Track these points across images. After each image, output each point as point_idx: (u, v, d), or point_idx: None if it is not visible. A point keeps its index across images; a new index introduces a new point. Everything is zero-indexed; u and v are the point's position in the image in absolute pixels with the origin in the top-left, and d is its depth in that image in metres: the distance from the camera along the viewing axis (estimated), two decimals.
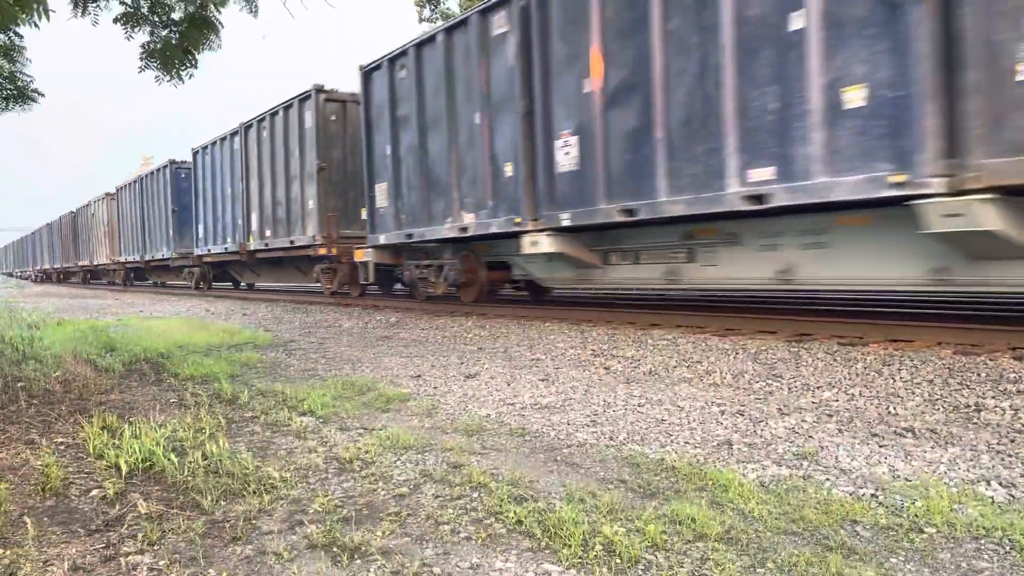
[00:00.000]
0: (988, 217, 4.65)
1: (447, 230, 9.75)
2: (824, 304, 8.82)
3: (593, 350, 6.76)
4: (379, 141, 11.28)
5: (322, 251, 13.28)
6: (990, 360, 4.81)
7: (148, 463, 3.53)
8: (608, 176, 7.39)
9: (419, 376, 6.10)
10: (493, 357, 6.95)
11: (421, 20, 23.01)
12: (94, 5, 6.44)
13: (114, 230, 27.34)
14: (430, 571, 2.39)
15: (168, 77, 6.72)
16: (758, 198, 5.87)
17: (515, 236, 8.64)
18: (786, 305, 8.94)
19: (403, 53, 10.47)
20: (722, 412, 4.41)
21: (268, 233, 15.26)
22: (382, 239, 11.41)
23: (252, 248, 15.84)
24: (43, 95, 7.90)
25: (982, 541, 2.52)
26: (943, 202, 4.79)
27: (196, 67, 6.84)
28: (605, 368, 6.11)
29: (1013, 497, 2.91)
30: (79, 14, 6.45)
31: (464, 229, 9.43)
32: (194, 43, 6.62)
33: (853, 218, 5.95)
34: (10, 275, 63.90)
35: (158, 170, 21.89)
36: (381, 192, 11.38)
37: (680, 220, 7.01)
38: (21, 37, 6.80)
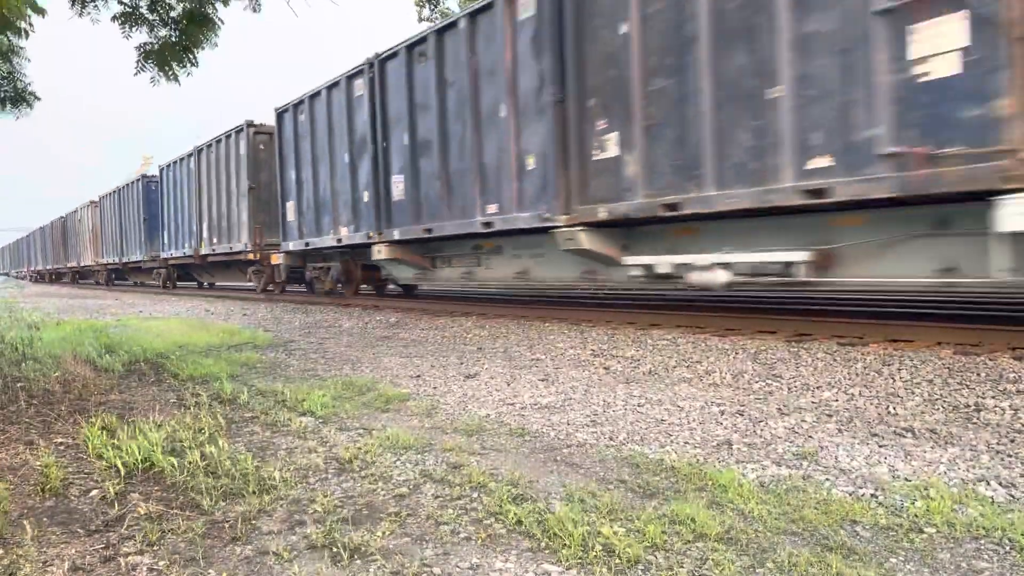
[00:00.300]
0: (582, 240, 7.53)
1: (330, 240, 12.71)
2: (824, 304, 8.82)
3: (593, 350, 6.76)
4: (287, 168, 14.22)
5: (251, 256, 16.48)
6: (990, 360, 4.81)
7: (148, 463, 3.53)
8: (418, 204, 10.29)
9: (419, 376, 6.10)
10: (493, 357, 6.95)
11: (420, 20, 23.01)
12: (92, 5, 6.43)
13: (97, 235, 30.10)
14: (430, 571, 2.38)
15: (165, 78, 6.72)
16: (487, 223, 8.88)
17: (370, 245, 11.50)
18: (784, 305, 8.94)
19: (301, 102, 13.40)
20: (722, 412, 4.41)
21: (215, 240, 18.24)
22: (290, 246, 14.33)
23: (203, 253, 18.95)
24: (39, 98, 7.88)
25: (982, 541, 2.52)
26: (564, 231, 7.72)
27: (196, 65, 6.84)
28: (605, 368, 6.11)
29: (1013, 497, 2.91)
30: (78, 13, 6.45)
31: (340, 240, 12.40)
32: (194, 41, 6.62)
33: (544, 240, 8.65)
34: (7, 275, 66.20)
35: (132, 183, 25.01)
36: (290, 208, 14.29)
37: (468, 236, 9.78)
38: (19, 35, 6.79)
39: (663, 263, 7.08)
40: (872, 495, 2.98)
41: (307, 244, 13.59)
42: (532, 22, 8.00)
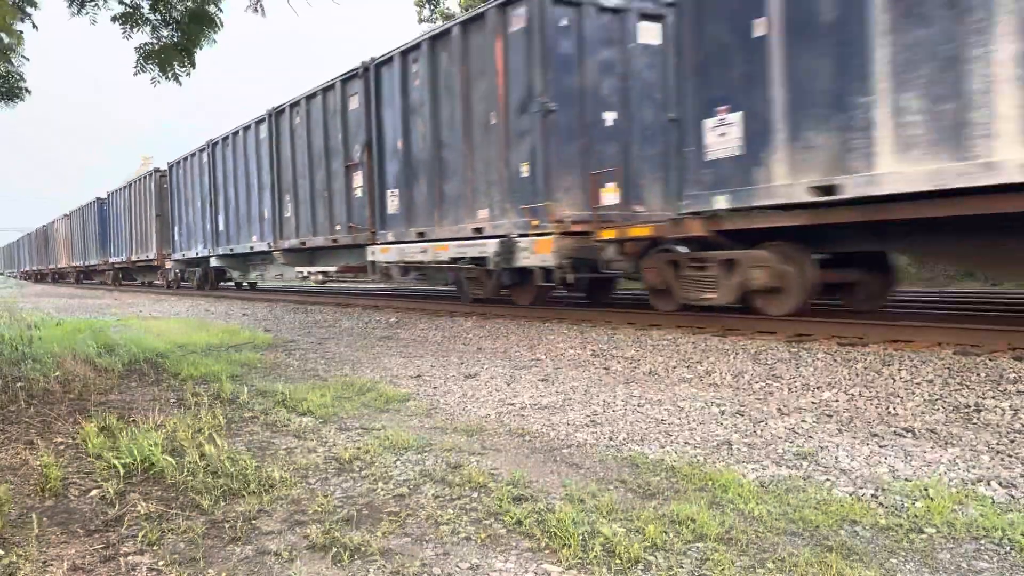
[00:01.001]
0: (279, 257, 15.48)
1: (191, 252, 20.45)
2: (825, 305, 8.82)
3: (593, 350, 6.75)
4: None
5: (156, 263, 23.50)
6: (990, 360, 4.80)
7: (147, 463, 3.53)
8: (225, 232, 18.03)
9: (419, 376, 6.09)
10: (493, 357, 6.95)
11: (421, 20, 23.00)
12: (92, 4, 6.42)
13: (68, 242, 36.82)
14: (429, 571, 2.38)
15: (165, 78, 6.71)
16: (251, 247, 16.38)
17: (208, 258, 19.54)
18: None
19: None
20: (722, 412, 4.41)
21: (139, 250, 25.27)
22: (176, 256, 21.83)
23: (133, 259, 25.84)
24: (30, 92, 7.86)
25: (982, 541, 2.52)
26: (274, 253, 15.28)
27: (194, 66, 6.84)
28: (605, 368, 6.11)
29: (1013, 497, 2.91)
30: (76, 12, 6.44)
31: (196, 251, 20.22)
32: (194, 40, 6.61)
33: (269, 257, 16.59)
34: (0, 274, 71.44)
35: (89, 204, 31.57)
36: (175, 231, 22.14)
37: (253, 254, 16.96)
38: (14, 38, 6.80)
39: (306, 270, 16.16)
40: (872, 495, 2.98)
41: (184, 254, 21.21)
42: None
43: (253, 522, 2.84)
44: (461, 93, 9.39)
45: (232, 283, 22.27)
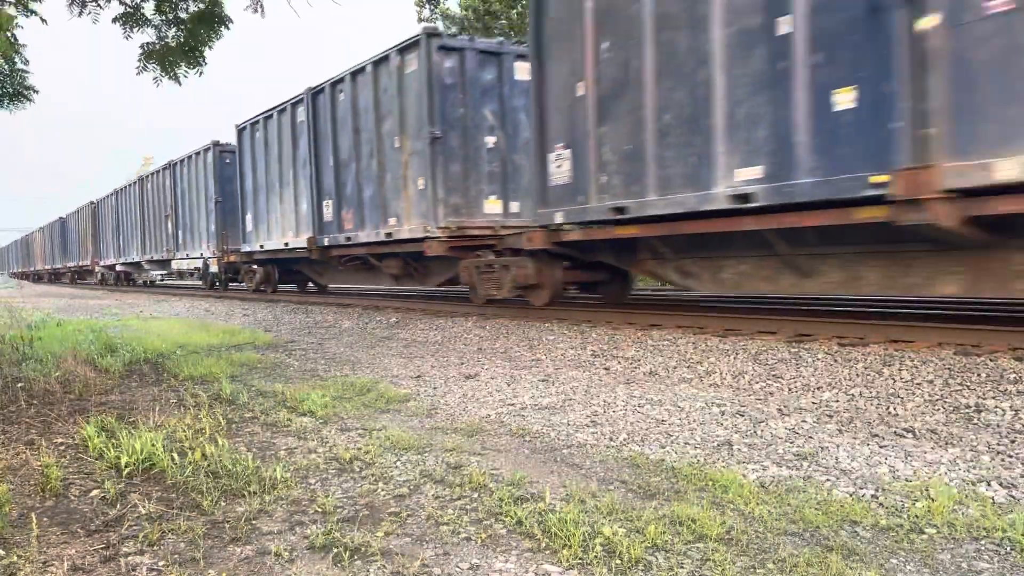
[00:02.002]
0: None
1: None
2: (824, 304, 8.82)
3: (593, 351, 6.75)
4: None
5: (90, 267, 30.11)
6: (990, 360, 4.80)
7: (148, 463, 3.53)
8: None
9: (419, 376, 6.09)
10: (493, 357, 6.95)
11: (420, 20, 22.99)
12: (94, 4, 6.43)
13: (42, 249, 45.29)
14: (430, 572, 2.38)
15: (167, 76, 6.72)
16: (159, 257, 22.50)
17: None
18: (785, 306, 8.94)
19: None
20: (722, 413, 4.41)
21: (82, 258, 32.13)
22: (107, 262, 27.53)
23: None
24: (37, 91, 7.88)
25: (982, 542, 2.52)
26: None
27: (205, 64, 6.84)
28: (605, 369, 6.11)
29: (1013, 498, 2.91)
30: (77, 14, 6.45)
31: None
32: (201, 40, 6.62)
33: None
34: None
35: (54, 221, 39.51)
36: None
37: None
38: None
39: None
40: (873, 496, 2.98)
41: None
42: None
43: (253, 522, 2.84)
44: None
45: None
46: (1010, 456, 3.37)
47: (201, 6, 6.57)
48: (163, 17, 6.59)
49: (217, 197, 18.03)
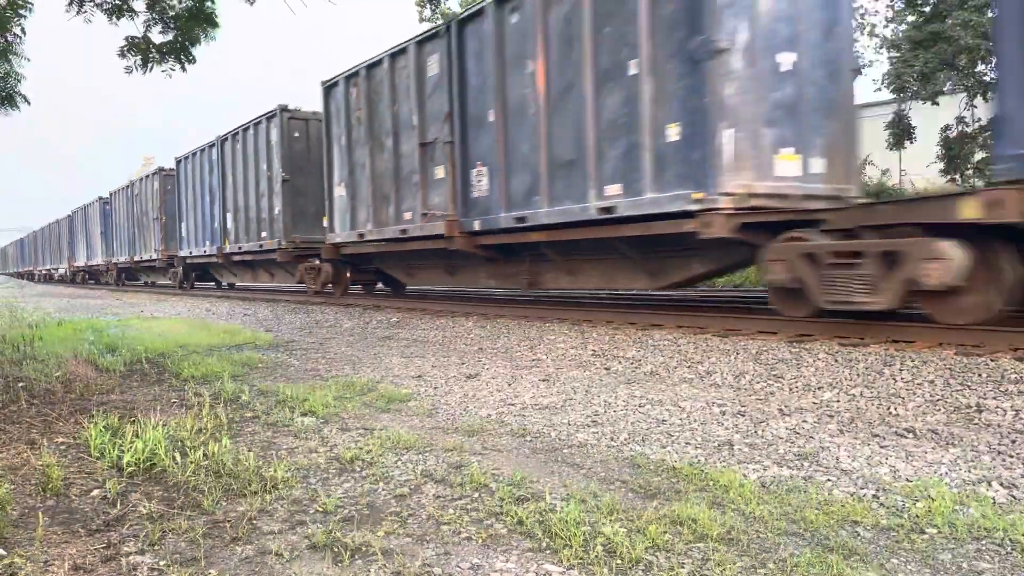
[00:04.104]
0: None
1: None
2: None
3: (594, 350, 6.75)
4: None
5: (63, 269, 34.18)
6: (991, 361, 4.80)
7: (149, 463, 3.53)
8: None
9: (420, 376, 6.10)
10: (494, 357, 6.95)
11: (421, 20, 22.99)
12: (90, 2, 6.45)
13: (33, 252, 50.45)
14: (430, 571, 2.39)
15: (146, 70, 6.79)
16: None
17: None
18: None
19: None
20: (723, 413, 4.41)
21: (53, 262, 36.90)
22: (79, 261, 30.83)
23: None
24: (29, 102, 7.87)
25: (983, 542, 2.52)
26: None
27: (193, 62, 6.89)
28: (606, 368, 6.11)
29: (1014, 498, 2.91)
30: (77, 12, 6.46)
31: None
32: (192, 39, 6.64)
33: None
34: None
35: (34, 232, 46.41)
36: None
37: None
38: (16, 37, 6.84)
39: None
40: (873, 496, 2.98)
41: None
42: None
43: (254, 522, 2.84)
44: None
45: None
46: (1011, 456, 3.37)
47: (190, 2, 6.59)
48: (153, 15, 6.62)
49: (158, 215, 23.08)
